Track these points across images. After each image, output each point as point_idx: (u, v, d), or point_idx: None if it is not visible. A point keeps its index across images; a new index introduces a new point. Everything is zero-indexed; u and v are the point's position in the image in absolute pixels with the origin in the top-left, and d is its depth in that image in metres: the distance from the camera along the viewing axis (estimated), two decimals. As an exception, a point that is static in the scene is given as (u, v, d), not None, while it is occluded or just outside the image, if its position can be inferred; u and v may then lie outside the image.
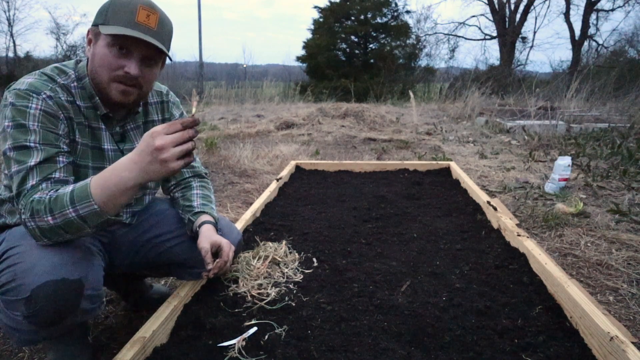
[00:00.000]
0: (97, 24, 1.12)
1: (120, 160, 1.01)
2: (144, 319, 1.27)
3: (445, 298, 1.45)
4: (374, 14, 18.05)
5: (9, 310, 1.03)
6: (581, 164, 3.85)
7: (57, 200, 0.99)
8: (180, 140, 0.97)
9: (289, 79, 16.80)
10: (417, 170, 3.44)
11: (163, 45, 1.15)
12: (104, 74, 1.14)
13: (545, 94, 8.50)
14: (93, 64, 1.15)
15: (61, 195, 0.99)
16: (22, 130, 1.05)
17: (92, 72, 1.16)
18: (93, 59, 1.15)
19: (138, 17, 1.11)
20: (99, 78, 1.15)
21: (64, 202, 0.98)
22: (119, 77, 1.14)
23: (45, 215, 0.98)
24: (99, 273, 1.13)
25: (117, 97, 1.17)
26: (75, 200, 0.98)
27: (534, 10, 18.79)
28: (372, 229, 2.14)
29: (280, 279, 1.57)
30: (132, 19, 1.10)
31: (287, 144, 5.17)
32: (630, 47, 16.30)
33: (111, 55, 1.12)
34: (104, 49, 1.12)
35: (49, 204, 0.99)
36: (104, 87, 1.16)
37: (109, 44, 1.11)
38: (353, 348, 1.19)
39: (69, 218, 0.98)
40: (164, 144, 0.95)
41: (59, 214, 0.98)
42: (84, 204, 0.97)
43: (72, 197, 0.98)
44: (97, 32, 1.13)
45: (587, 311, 1.24)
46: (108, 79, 1.14)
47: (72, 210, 0.98)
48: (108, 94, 1.17)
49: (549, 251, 2.13)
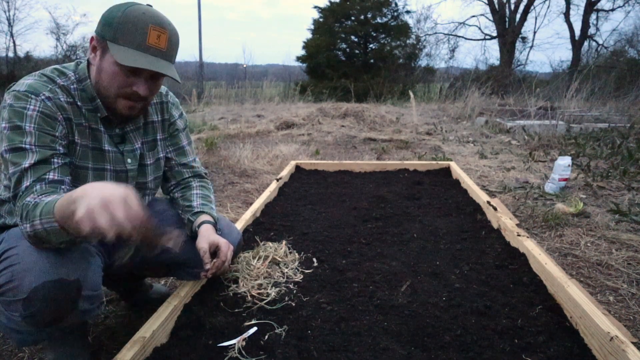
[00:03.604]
0: (106, 38, 1.10)
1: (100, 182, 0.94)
2: (144, 319, 1.27)
3: (445, 298, 1.45)
4: (374, 14, 18.01)
5: (8, 311, 1.04)
6: (581, 164, 3.85)
7: (35, 209, 0.98)
8: (117, 218, 0.84)
9: (289, 79, 16.80)
10: (417, 170, 3.44)
11: (171, 65, 1.17)
12: (111, 90, 1.15)
13: (545, 94, 8.50)
14: (100, 76, 1.15)
15: (40, 204, 0.98)
16: (18, 132, 1.05)
17: (99, 84, 1.16)
18: (100, 71, 1.15)
19: (149, 40, 1.10)
20: (105, 92, 1.16)
21: (36, 212, 0.97)
22: (127, 94, 1.16)
23: (25, 221, 0.99)
24: (98, 273, 1.13)
25: (124, 112, 1.19)
26: (43, 213, 0.96)
27: (534, 10, 18.82)
28: (372, 229, 2.14)
29: (280, 279, 1.57)
30: (143, 41, 1.09)
31: (287, 144, 5.17)
32: (630, 47, 16.31)
33: (121, 74, 1.12)
34: (113, 66, 1.12)
35: (30, 211, 0.99)
36: (111, 102, 1.18)
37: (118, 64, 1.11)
38: (353, 348, 1.19)
39: (37, 229, 0.97)
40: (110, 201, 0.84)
41: (31, 223, 0.98)
42: (47, 219, 0.96)
43: (43, 209, 0.97)
44: (105, 46, 1.11)
45: (587, 311, 1.24)
46: (115, 95, 1.16)
47: (39, 222, 0.97)
48: (115, 107, 1.19)
49: (549, 251, 2.13)
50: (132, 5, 1.12)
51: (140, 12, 1.11)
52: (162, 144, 1.41)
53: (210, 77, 18.66)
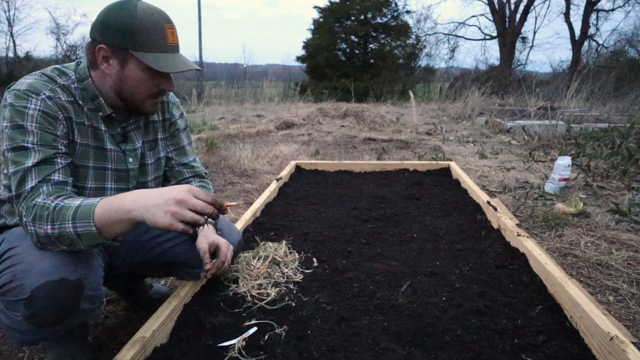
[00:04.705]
0: (126, 47, 1.11)
1: (139, 189, 1.05)
2: (144, 319, 1.27)
3: (445, 298, 1.45)
4: (374, 14, 18.02)
5: (9, 311, 1.04)
6: (581, 164, 3.85)
7: (60, 212, 0.99)
8: (199, 210, 1.01)
9: (289, 79, 16.81)
10: (417, 170, 3.44)
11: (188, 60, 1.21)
12: (140, 94, 1.18)
13: (545, 94, 8.50)
14: (124, 84, 1.17)
15: (66, 207, 1.00)
16: (19, 131, 1.05)
17: (124, 91, 1.18)
18: (124, 79, 1.16)
19: (169, 40, 1.14)
20: (132, 97, 1.19)
21: (67, 215, 0.99)
22: (155, 94, 1.21)
23: (46, 223, 0.99)
24: (99, 273, 1.13)
25: (151, 110, 1.24)
26: (77, 217, 0.98)
27: (534, 10, 18.81)
28: (372, 229, 2.14)
29: (280, 279, 1.57)
30: (164, 42, 1.14)
31: (287, 144, 5.17)
32: (630, 47, 16.33)
33: (148, 78, 1.16)
34: (140, 73, 1.14)
35: (52, 213, 0.99)
36: (138, 105, 1.21)
37: (147, 68, 1.13)
38: (353, 348, 1.19)
39: (66, 232, 0.99)
40: (184, 200, 0.99)
41: (58, 225, 0.99)
42: (84, 223, 0.98)
43: (76, 213, 0.99)
44: (125, 55, 1.12)
45: (587, 311, 1.24)
46: (144, 97, 1.20)
47: (71, 226, 0.98)
48: (141, 109, 1.22)
49: (549, 251, 2.13)
50: (134, 6, 1.11)
51: (149, 13, 1.12)
52: (162, 143, 1.42)
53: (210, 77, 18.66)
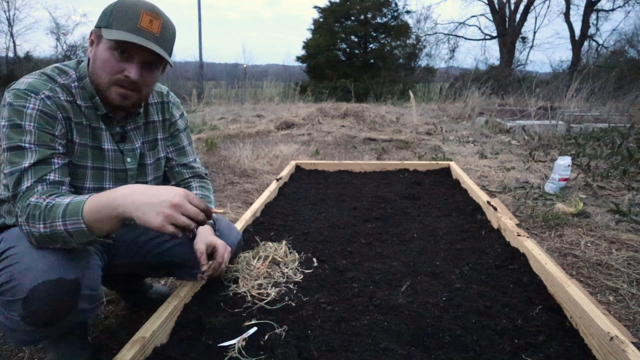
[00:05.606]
0: (101, 26, 1.12)
1: (132, 185, 1.04)
2: (144, 319, 1.27)
3: (445, 298, 1.45)
4: (374, 14, 18.02)
5: (7, 311, 1.03)
6: (581, 164, 3.85)
7: (51, 210, 0.99)
8: (192, 216, 1.02)
9: (289, 79, 16.81)
10: (417, 170, 3.44)
11: (164, 51, 1.15)
12: (104, 77, 1.15)
13: (545, 94, 8.49)
14: (94, 66, 1.16)
15: (57, 205, 1.00)
16: (17, 131, 1.05)
17: (93, 74, 1.17)
18: (94, 61, 1.15)
19: (141, 23, 1.11)
20: (98, 80, 1.16)
21: (57, 213, 0.99)
22: (119, 81, 1.15)
23: (38, 222, 0.99)
24: (97, 273, 1.13)
25: (116, 100, 1.17)
26: (67, 215, 0.98)
27: (534, 10, 18.81)
28: (372, 229, 2.14)
29: (280, 279, 1.57)
30: (135, 24, 1.10)
31: (287, 144, 5.17)
32: (630, 47, 16.30)
33: (112, 59, 1.13)
34: (105, 52, 1.13)
35: (44, 212, 0.99)
36: (104, 90, 1.16)
37: (111, 47, 1.12)
38: (353, 348, 1.19)
39: (58, 230, 0.99)
40: (179, 204, 1.00)
41: (50, 224, 0.99)
42: (73, 220, 0.98)
43: (65, 210, 0.99)
44: (99, 34, 1.13)
45: (587, 311, 1.24)
46: (108, 82, 1.15)
47: (61, 224, 0.98)
48: (107, 96, 1.17)
49: (549, 251, 2.13)
50: None
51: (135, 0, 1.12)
52: (162, 143, 1.42)
53: (210, 77, 18.67)
